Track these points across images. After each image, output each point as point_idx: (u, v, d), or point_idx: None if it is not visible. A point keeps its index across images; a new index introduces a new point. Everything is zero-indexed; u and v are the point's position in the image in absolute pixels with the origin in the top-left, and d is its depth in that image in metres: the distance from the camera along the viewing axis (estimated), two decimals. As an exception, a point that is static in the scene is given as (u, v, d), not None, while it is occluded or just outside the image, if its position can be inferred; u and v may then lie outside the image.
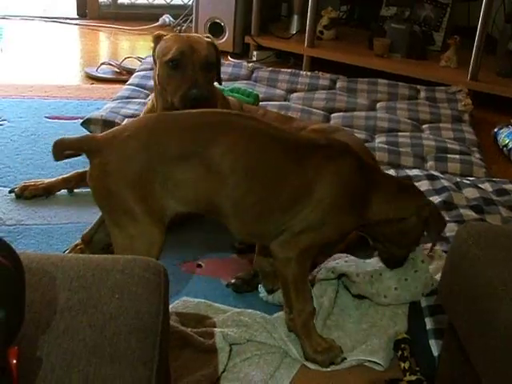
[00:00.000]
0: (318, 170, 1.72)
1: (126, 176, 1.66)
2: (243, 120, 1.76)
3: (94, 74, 3.76)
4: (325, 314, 1.94)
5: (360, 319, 1.97)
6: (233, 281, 2.08)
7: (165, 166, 1.66)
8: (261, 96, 3.23)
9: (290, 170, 1.72)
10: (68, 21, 4.72)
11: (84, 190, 2.56)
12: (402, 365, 1.82)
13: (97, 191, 1.73)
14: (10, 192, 2.51)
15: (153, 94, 2.41)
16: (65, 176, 2.56)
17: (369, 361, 1.83)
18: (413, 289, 1.93)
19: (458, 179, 2.59)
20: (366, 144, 2.89)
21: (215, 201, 1.70)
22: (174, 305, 1.96)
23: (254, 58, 4.15)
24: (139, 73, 3.54)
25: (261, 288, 2.05)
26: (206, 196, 1.70)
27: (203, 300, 2.00)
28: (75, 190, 2.56)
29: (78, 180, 2.54)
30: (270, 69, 3.75)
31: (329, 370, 1.81)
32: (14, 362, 0.95)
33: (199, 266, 2.20)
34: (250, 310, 1.95)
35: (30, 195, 2.49)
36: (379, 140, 3.02)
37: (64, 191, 2.55)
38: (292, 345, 1.84)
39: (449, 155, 2.91)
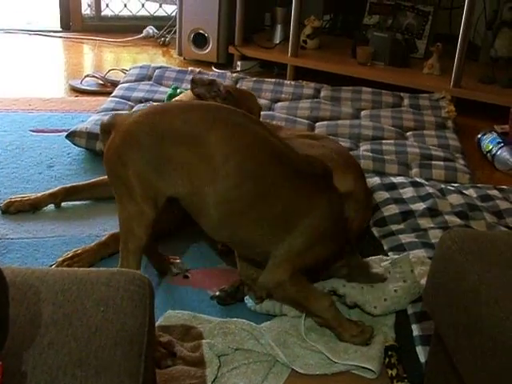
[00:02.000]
0: (313, 198, 1.77)
1: (130, 154, 1.75)
2: (250, 122, 1.79)
3: (78, 86, 3.76)
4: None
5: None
6: (217, 293, 2.08)
7: (166, 148, 1.72)
8: (245, 106, 3.24)
9: (286, 187, 1.76)
10: (52, 33, 4.71)
11: (70, 204, 2.55)
12: (390, 372, 1.83)
13: (106, 164, 1.84)
14: None
15: None
16: (51, 191, 2.54)
17: (358, 367, 1.83)
18: (402, 300, 1.92)
19: (443, 186, 2.60)
20: (351, 152, 2.90)
21: (203, 191, 1.73)
22: (160, 318, 1.95)
23: (238, 68, 4.17)
24: (123, 85, 3.54)
25: (247, 299, 2.05)
26: (196, 184, 1.73)
27: (188, 312, 1.99)
28: (62, 204, 2.55)
29: (65, 195, 2.54)
30: (254, 78, 3.76)
31: (316, 376, 1.81)
32: (-1, 377, 0.95)
33: (186, 277, 2.20)
34: (235, 319, 1.95)
35: (15, 211, 2.47)
36: (364, 148, 3.03)
37: (50, 205, 2.54)
38: (279, 350, 1.84)
39: (433, 162, 2.93)
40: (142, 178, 1.75)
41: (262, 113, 3.25)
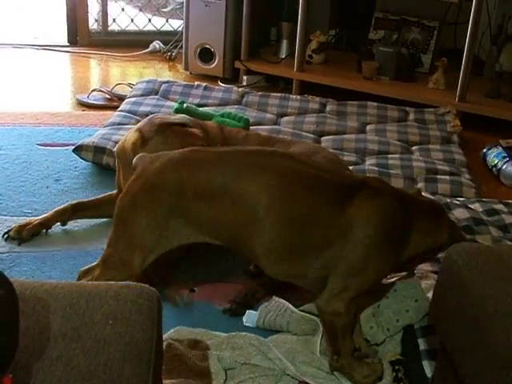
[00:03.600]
0: (356, 211, 1.68)
1: (147, 205, 1.71)
2: (281, 160, 1.74)
3: (85, 100, 3.78)
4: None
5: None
6: (229, 306, 2.08)
7: (193, 201, 1.68)
8: (251, 120, 3.25)
9: (325, 212, 1.69)
10: (59, 48, 4.73)
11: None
12: (397, 386, 1.83)
13: (118, 203, 1.79)
14: (5, 238, 2.40)
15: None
16: (58, 209, 2.49)
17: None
18: (414, 319, 1.92)
19: (448, 200, 2.61)
20: (356, 167, 2.92)
21: (243, 238, 1.71)
22: (170, 332, 1.95)
23: (244, 83, 4.18)
24: (130, 99, 3.56)
25: (247, 317, 2.05)
26: (234, 233, 1.71)
27: (199, 328, 1.98)
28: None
29: (72, 212, 2.49)
30: (260, 93, 3.77)
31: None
32: (9, 389, 0.96)
33: (192, 290, 2.21)
34: (244, 333, 1.95)
35: (28, 235, 2.40)
36: (369, 162, 3.04)
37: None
38: (290, 363, 1.84)
39: (439, 176, 2.93)
40: (153, 227, 1.72)
41: (267, 127, 3.29)
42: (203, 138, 2.29)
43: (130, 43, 4.81)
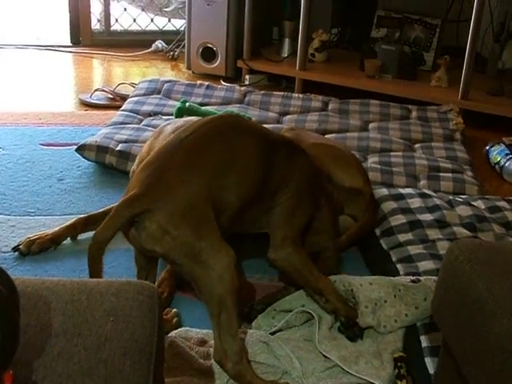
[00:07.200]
0: (292, 163, 1.94)
1: (197, 214, 1.66)
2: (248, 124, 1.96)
3: (88, 100, 3.79)
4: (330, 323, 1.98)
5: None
6: (245, 310, 2.06)
7: (218, 183, 1.74)
8: (254, 119, 3.25)
9: (276, 164, 1.91)
10: (62, 48, 4.74)
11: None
12: (399, 383, 1.83)
13: (173, 247, 1.65)
14: (15, 250, 2.33)
15: None
16: (68, 223, 2.43)
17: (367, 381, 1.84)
18: (412, 322, 1.93)
19: (451, 197, 2.61)
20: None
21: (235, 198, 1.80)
22: (176, 332, 1.95)
23: (247, 82, 4.19)
24: (133, 98, 3.56)
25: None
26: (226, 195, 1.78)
27: (204, 330, 1.98)
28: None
29: (83, 226, 2.42)
30: (263, 92, 3.77)
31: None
32: (10, 386, 0.96)
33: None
34: (252, 330, 1.95)
35: (37, 249, 2.33)
36: (372, 160, 3.04)
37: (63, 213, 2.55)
38: (298, 362, 1.84)
39: (441, 174, 2.93)
40: (214, 224, 1.68)
41: (270, 126, 3.28)
42: None
43: (133, 43, 4.82)
